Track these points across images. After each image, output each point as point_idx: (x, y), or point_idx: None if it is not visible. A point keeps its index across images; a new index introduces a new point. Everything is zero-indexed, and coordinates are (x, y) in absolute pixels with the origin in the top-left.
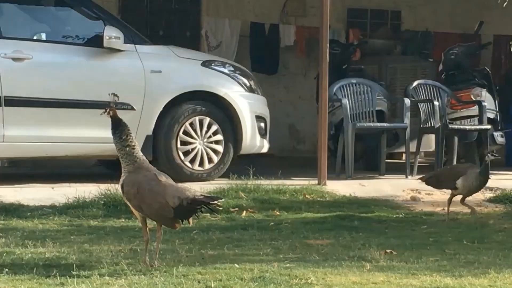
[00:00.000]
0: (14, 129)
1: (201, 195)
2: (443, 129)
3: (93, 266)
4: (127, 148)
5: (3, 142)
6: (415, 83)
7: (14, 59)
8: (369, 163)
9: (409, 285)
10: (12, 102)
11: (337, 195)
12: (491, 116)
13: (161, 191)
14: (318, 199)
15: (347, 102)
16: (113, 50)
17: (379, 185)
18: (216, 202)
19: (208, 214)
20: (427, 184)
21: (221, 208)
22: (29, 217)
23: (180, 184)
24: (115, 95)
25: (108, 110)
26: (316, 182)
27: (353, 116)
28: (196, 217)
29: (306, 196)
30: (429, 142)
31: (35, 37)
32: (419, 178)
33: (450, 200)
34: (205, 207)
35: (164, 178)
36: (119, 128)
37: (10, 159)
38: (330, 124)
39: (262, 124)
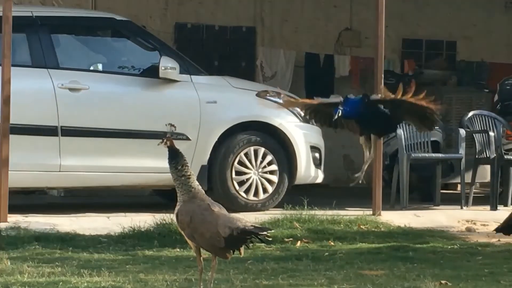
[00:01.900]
0: (71, 159)
1: (251, 225)
2: (499, 160)
3: None
4: (183, 178)
5: (59, 172)
6: (470, 114)
7: (71, 89)
8: (424, 194)
9: None
10: (68, 132)
11: (391, 226)
12: None
13: (213, 221)
14: (373, 229)
15: (402, 132)
16: (169, 81)
17: (434, 216)
18: (265, 232)
19: (263, 244)
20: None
21: (270, 239)
22: (85, 247)
23: (232, 214)
24: (172, 125)
25: (165, 141)
26: (371, 212)
27: (408, 147)
28: (247, 247)
29: (361, 226)
30: (485, 172)
31: (91, 68)
32: (495, 229)
33: None
34: (255, 237)
35: (217, 208)
36: (175, 158)
37: (66, 188)
38: (385, 154)
39: (317, 154)
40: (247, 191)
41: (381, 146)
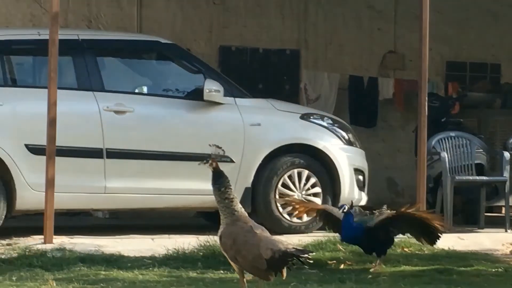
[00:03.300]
0: (116, 181)
1: (293, 247)
2: None
3: None
4: (226, 201)
5: (104, 193)
6: None
7: (116, 112)
8: (468, 217)
9: None
10: (113, 154)
11: (435, 249)
12: None
13: (255, 243)
14: (416, 252)
15: (446, 155)
16: (213, 103)
17: (478, 239)
18: (307, 255)
19: (306, 266)
20: None
21: (312, 261)
22: (130, 268)
23: (274, 237)
24: (218, 147)
25: (210, 162)
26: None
27: (452, 170)
28: (289, 270)
29: (404, 249)
30: None
31: (136, 90)
32: None
33: None
34: (296, 259)
35: (259, 230)
36: (219, 180)
37: (111, 210)
38: (429, 177)
39: (361, 177)
40: (290, 214)
41: (425, 169)
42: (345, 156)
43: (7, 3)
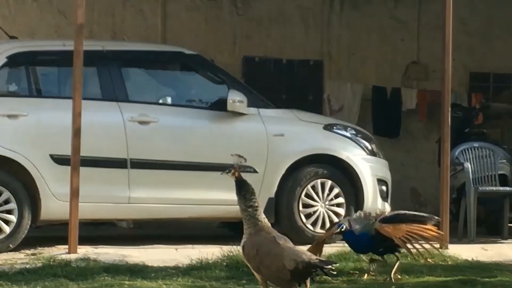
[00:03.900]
0: (140, 191)
1: (316, 258)
2: None
3: None
4: (250, 210)
5: (128, 203)
6: None
7: (140, 122)
8: (491, 227)
9: None
10: (138, 164)
11: (459, 259)
12: None
13: (279, 254)
14: (440, 263)
15: (469, 166)
16: (237, 114)
17: (502, 250)
18: (330, 266)
19: (329, 277)
20: None
21: (335, 272)
22: (153, 278)
23: (297, 247)
24: (240, 156)
25: (233, 171)
26: (438, 245)
27: (475, 180)
28: (313, 280)
29: (428, 259)
30: None
31: (160, 101)
32: None
33: None
34: (320, 270)
35: (282, 241)
36: (243, 188)
37: (135, 220)
38: (452, 187)
39: (384, 187)
40: (314, 224)
41: (448, 180)
42: (368, 167)
43: (32, 14)
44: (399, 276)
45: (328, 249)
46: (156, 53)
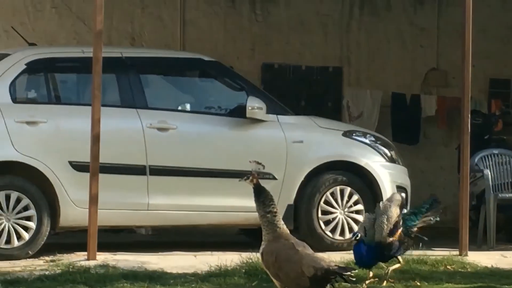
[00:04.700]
0: (158, 198)
1: (335, 265)
2: None
3: None
4: (269, 216)
5: (147, 210)
6: None
7: (159, 129)
8: (511, 234)
9: None
10: (157, 171)
11: (478, 266)
12: None
13: (297, 260)
14: (459, 270)
15: (489, 172)
16: (256, 121)
17: None
18: (349, 272)
19: (348, 284)
20: None
21: (354, 279)
22: (172, 285)
23: (316, 254)
24: (258, 162)
25: (251, 178)
26: (457, 252)
27: (495, 187)
28: (332, 287)
29: (447, 266)
30: None
31: (179, 108)
32: None
33: None
34: (339, 277)
35: (301, 248)
36: (262, 194)
37: (154, 227)
38: (472, 194)
39: (403, 194)
40: (333, 231)
41: (468, 186)
42: (387, 173)
43: (51, 21)
44: (418, 283)
45: (347, 256)
46: (175, 59)
